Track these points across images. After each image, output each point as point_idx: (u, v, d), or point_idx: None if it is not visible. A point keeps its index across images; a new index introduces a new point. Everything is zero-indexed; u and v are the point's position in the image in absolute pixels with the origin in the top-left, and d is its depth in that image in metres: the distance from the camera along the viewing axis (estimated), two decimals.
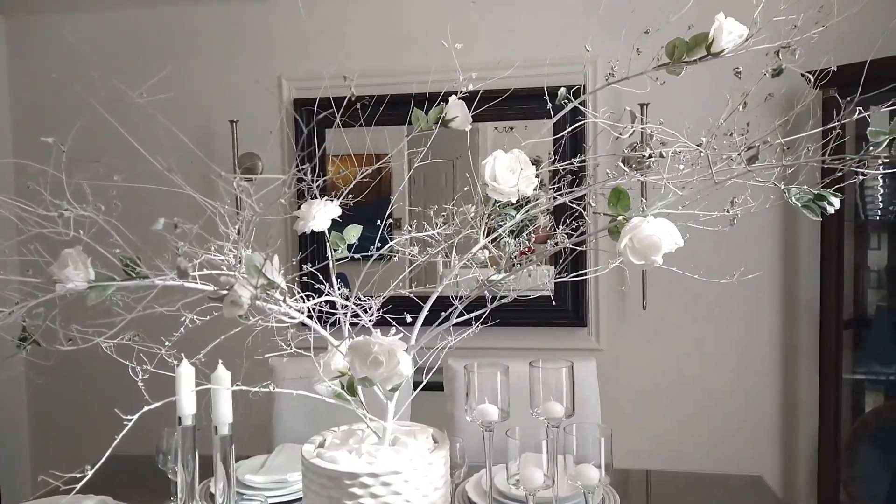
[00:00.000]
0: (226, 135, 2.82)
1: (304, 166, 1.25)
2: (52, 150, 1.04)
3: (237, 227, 0.86)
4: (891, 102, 1.15)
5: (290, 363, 1.92)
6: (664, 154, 0.90)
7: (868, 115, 1.06)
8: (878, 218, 2.34)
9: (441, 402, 2.03)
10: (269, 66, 2.85)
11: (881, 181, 2.30)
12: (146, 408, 0.88)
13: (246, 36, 2.87)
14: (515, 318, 2.76)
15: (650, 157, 0.94)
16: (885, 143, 0.87)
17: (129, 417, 0.84)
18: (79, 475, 0.79)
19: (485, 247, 1.24)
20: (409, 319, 1.18)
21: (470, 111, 1.30)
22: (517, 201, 1.19)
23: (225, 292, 0.80)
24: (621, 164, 0.94)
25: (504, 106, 1.85)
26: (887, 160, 0.97)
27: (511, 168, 1.17)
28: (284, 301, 0.87)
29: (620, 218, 0.90)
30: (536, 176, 1.18)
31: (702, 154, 0.88)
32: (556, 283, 2.73)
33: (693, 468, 2.00)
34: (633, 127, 0.97)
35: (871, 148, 1.02)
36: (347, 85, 2.87)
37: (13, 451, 3.00)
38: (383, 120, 2.14)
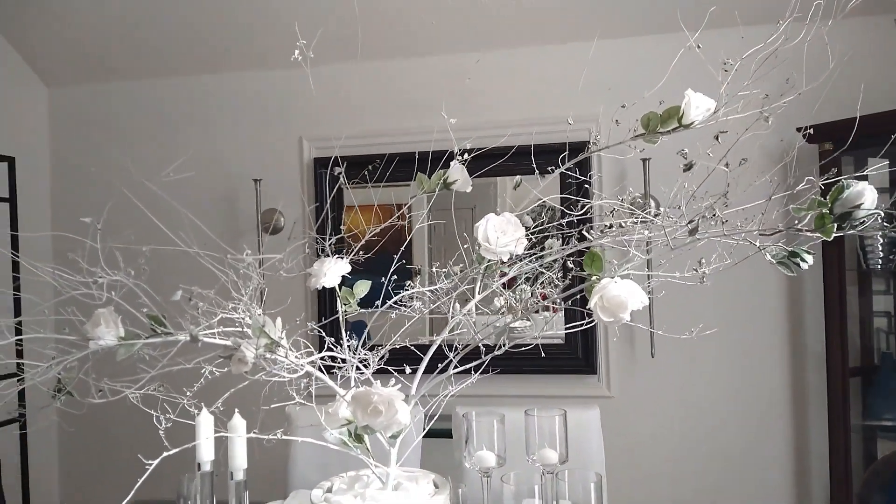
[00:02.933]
0: (250, 192, 2.99)
1: (313, 225, 1.37)
2: (88, 222, 1.18)
3: (248, 291, 0.96)
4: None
5: (304, 412, 2.00)
6: (623, 224, 0.99)
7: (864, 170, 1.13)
8: (878, 267, 2.39)
9: (451, 449, 2.10)
10: (290, 128, 3.02)
11: (880, 231, 2.36)
12: (165, 454, 0.98)
13: (269, 101, 3.05)
14: (528, 365, 2.84)
15: (610, 226, 1.03)
16: (810, 216, 0.93)
17: (150, 462, 0.94)
18: None
19: (497, 296, 1.34)
20: (408, 371, 1.27)
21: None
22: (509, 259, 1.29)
23: (234, 351, 0.91)
24: (585, 234, 1.03)
25: (513, 162, 1.97)
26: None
27: (502, 230, 1.27)
28: (286, 356, 0.97)
29: (594, 278, 0.99)
30: (527, 237, 1.28)
31: (655, 223, 0.97)
32: (566, 332, 2.80)
33: None
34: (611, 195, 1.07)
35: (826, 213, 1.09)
36: (362, 144, 3.05)
37: (44, 495, 3.11)
38: (399, 175, 2.27)
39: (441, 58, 2.93)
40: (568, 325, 1.36)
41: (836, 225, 0.87)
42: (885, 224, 0.88)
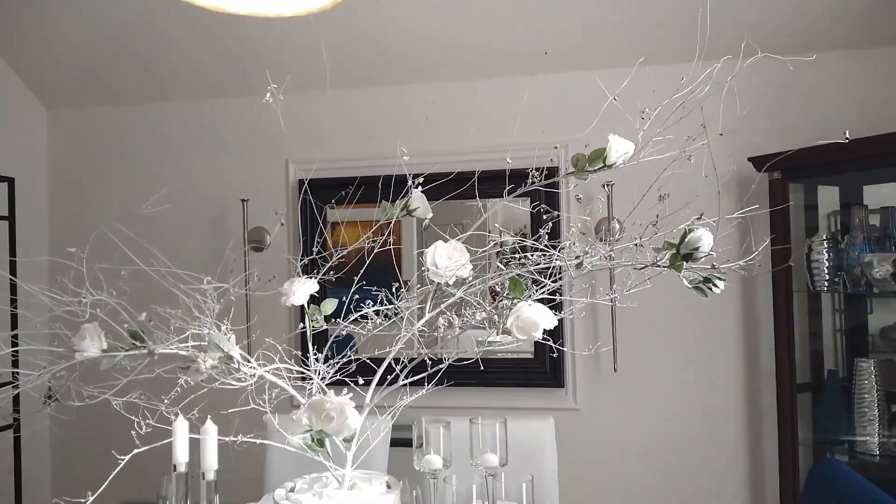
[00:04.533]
0: (237, 212, 3.14)
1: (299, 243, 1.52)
2: (82, 242, 1.33)
3: (210, 310, 1.12)
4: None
5: (281, 422, 2.14)
6: (529, 256, 1.14)
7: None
8: (825, 289, 2.54)
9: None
10: (277, 150, 3.19)
11: (826, 255, 2.51)
12: (135, 451, 1.12)
13: (257, 125, 3.22)
14: (497, 378, 2.98)
15: (517, 258, 1.18)
16: (668, 254, 1.07)
17: (122, 457, 1.08)
18: (80, 501, 1.03)
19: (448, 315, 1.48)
20: (361, 382, 1.41)
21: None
22: (455, 282, 1.43)
23: (191, 362, 1.06)
24: (499, 265, 1.18)
25: (486, 185, 2.11)
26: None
27: (449, 255, 1.42)
28: (238, 367, 1.12)
29: (515, 301, 1.14)
30: (472, 261, 1.42)
31: (552, 255, 1.13)
32: (535, 346, 2.95)
33: None
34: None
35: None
36: (345, 167, 3.21)
37: (36, 498, 3.24)
38: (379, 196, 2.41)
39: (421, 86, 3.10)
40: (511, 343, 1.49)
41: (683, 262, 1.01)
42: (713, 264, 1.02)
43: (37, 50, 3.17)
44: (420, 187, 1.59)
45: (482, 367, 1.82)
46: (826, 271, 2.52)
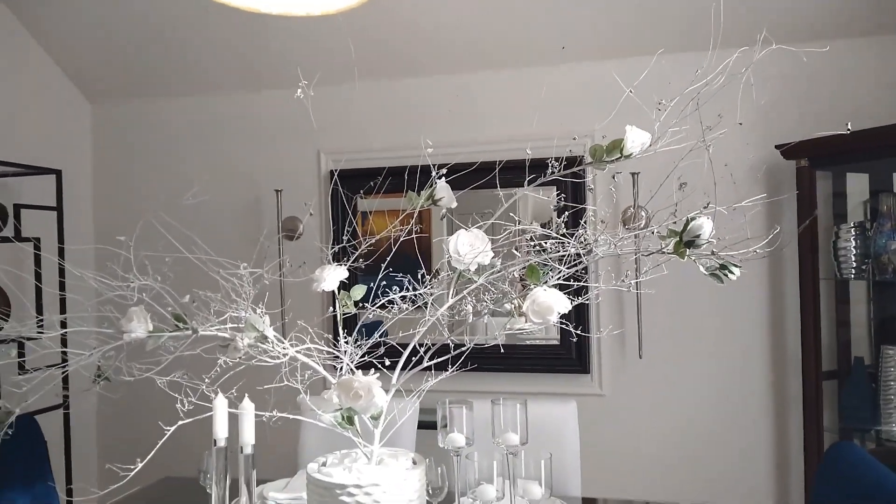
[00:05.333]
0: (272, 202, 3.25)
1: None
2: (126, 231, 1.43)
3: (248, 294, 1.20)
4: None
5: (312, 400, 2.24)
6: (544, 244, 1.20)
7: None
8: (852, 276, 2.54)
9: None
10: (309, 142, 3.28)
11: (853, 243, 2.51)
12: (180, 422, 1.22)
13: (291, 118, 3.31)
14: (524, 364, 3.05)
15: (535, 246, 1.24)
16: (672, 242, 1.11)
17: (168, 428, 1.17)
18: (130, 468, 1.12)
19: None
20: (388, 363, 1.49)
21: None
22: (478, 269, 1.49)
23: (230, 341, 1.14)
24: (514, 251, 1.24)
25: (510, 174, 2.17)
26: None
27: (471, 244, 1.48)
28: (272, 346, 1.20)
29: (532, 287, 1.20)
30: (494, 249, 1.48)
31: (567, 243, 1.18)
32: (561, 333, 3.00)
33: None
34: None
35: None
36: (375, 157, 3.30)
37: (85, 474, 3.41)
38: (409, 185, 2.48)
39: (449, 77, 3.15)
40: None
41: (686, 249, 1.06)
42: (713, 251, 1.06)
43: (79, 44, 3.31)
44: (444, 178, 1.63)
45: (502, 351, 1.89)
46: (853, 259, 2.52)
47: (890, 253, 2.34)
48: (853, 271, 2.52)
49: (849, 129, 1.15)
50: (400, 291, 1.59)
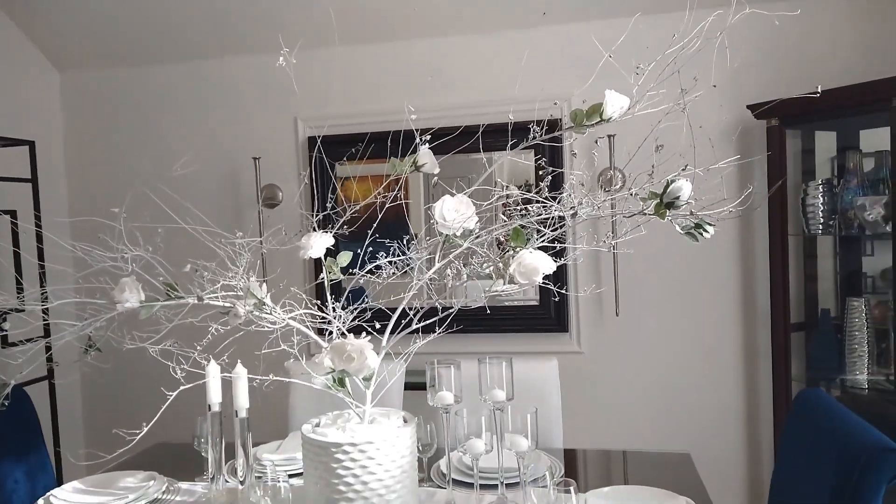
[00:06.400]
0: (250, 170, 3.24)
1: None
2: (101, 202, 1.44)
3: (242, 263, 1.23)
4: None
5: (298, 365, 2.29)
6: (528, 208, 1.24)
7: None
8: (819, 232, 2.63)
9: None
10: (286, 109, 3.26)
11: (821, 199, 2.60)
12: (181, 388, 1.25)
13: (266, 84, 3.28)
14: (505, 325, 3.12)
15: (519, 209, 1.28)
16: (652, 203, 1.16)
17: (170, 393, 1.21)
18: (136, 433, 1.16)
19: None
20: (377, 326, 1.53)
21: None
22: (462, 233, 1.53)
23: (230, 308, 1.17)
24: (502, 216, 1.28)
25: (490, 139, 2.20)
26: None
27: (456, 209, 1.52)
28: (270, 312, 1.24)
29: (518, 249, 1.25)
30: (478, 213, 1.52)
31: (551, 206, 1.22)
32: (540, 293, 3.07)
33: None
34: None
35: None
36: (353, 123, 3.28)
37: (71, 445, 3.44)
38: (389, 151, 2.49)
39: (428, 41, 3.14)
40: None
41: (666, 210, 1.11)
42: (692, 211, 1.12)
43: (46, 12, 3.22)
44: (427, 144, 1.65)
45: (488, 312, 1.94)
46: (821, 215, 2.60)
47: (856, 208, 2.43)
48: (821, 227, 2.61)
49: (818, 92, 1.20)
50: (387, 257, 1.63)
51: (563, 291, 2.90)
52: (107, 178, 3.48)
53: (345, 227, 1.70)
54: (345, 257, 1.70)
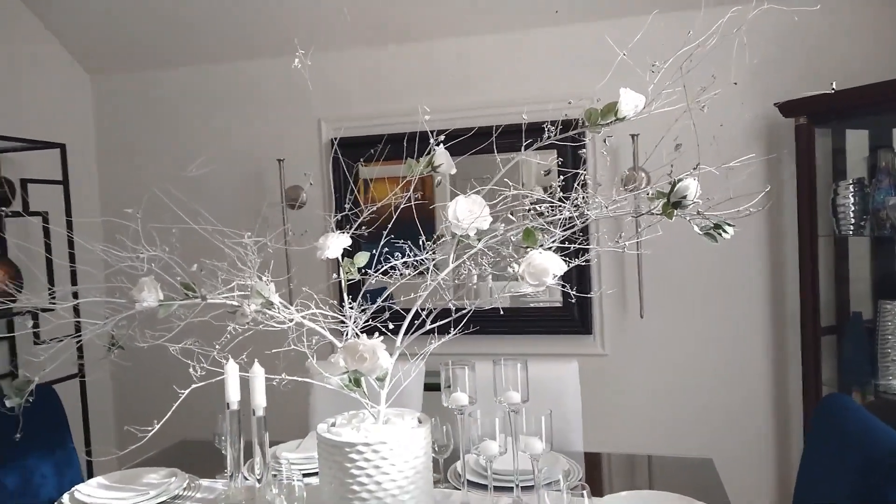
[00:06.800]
0: (274, 171, 3.28)
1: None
2: (132, 203, 1.46)
3: (253, 262, 1.24)
4: None
5: (321, 364, 2.30)
6: (539, 208, 1.23)
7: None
8: (850, 233, 2.56)
9: None
10: (310, 111, 3.29)
11: (852, 199, 2.53)
12: (193, 385, 1.27)
13: (290, 86, 3.31)
14: (529, 327, 3.10)
15: (530, 210, 1.27)
16: (659, 203, 1.14)
17: (182, 391, 1.22)
18: (148, 429, 1.18)
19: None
20: (391, 327, 1.53)
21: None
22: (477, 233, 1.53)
23: (237, 307, 1.19)
24: (510, 216, 1.27)
25: (513, 139, 2.17)
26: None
27: (469, 209, 1.51)
28: (278, 312, 1.25)
29: (529, 250, 1.24)
30: (493, 213, 1.51)
31: (560, 208, 1.21)
32: (563, 295, 3.04)
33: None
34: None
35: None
36: (376, 125, 3.29)
37: (102, 443, 3.52)
38: (410, 152, 2.49)
39: (450, 41, 3.14)
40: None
41: (673, 210, 1.09)
42: (699, 211, 1.09)
43: (77, 17, 3.30)
44: (443, 144, 1.65)
45: (501, 313, 1.91)
46: (852, 215, 2.53)
47: (888, 209, 2.36)
48: (852, 228, 2.54)
49: (833, 89, 1.16)
50: (402, 258, 1.63)
51: (578, 294, 2.87)
52: (136, 179, 3.55)
53: (363, 227, 1.70)
54: (361, 258, 1.70)
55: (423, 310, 1.50)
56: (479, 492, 1.69)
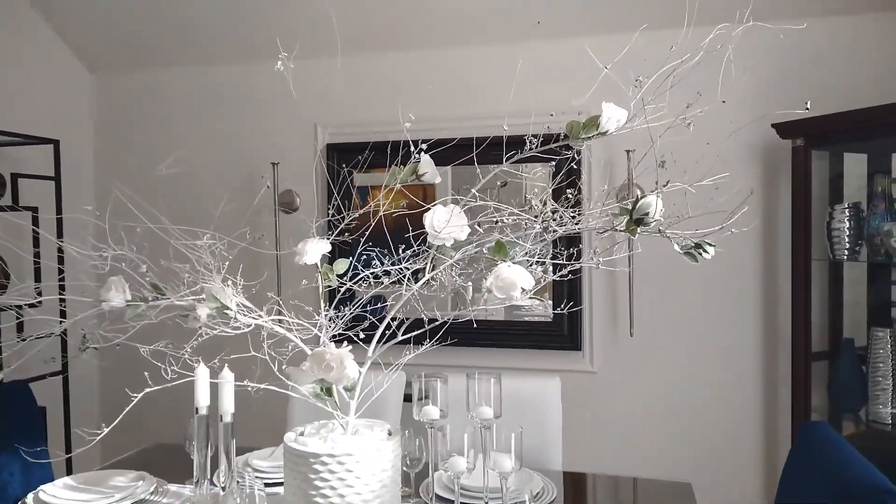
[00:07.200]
0: (269, 174, 3.26)
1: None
2: (124, 203, 1.44)
3: (218, 265, 1.22)
4: None
5: (291, 371, 2.27)
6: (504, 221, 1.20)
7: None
8: (845, 258, 2.52)
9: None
10: (306, 115, 3.27)
11: (847, 224, 2.49)
12: (147, 389, 1.24)
13: (288, 90, 3.29)
14: (518, 340, 3.06)
15: (496, 223, 1.24)
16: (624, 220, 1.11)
17: (134, 395, 1.20)
18: (97, 432, 1.15)
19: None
20: (362, 336, 1.50)
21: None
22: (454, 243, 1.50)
23: (190, 311, 1.16)
24: (477, 227, 1.24)
25: (499, 150, 2.15)
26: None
27: (447, 219, 1.49)
28: (235, 317, 1.22)
29: (499, 263, 1.21)
30: (470, 224, 1.48)
31: (525, 223, 1.18)
32: (553, 311, 3.01)
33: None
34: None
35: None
36: (372, 131, 3.27)
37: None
38: (403, 159, 2.48)
39: (444, 51, 3.13)
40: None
41: (636, 227, 1.06)
42: (659, 230, 1.06)
43: (80, 14, 3.31)
44: (427, 153, 1.63)
45: (475, 326, 1.89)
46: (847, 240, 2.49)
47: (882, 234, 2.32)
48: (846, 252, 2.50)
49: (807, 108, 1.13)
50: (380, 266, 1.60)
51: (557, 310, 2.84)
52: (132, 177, 3.54)
53: (346, 234, 1.68)
54: (341, 264, 1.67)
55: (394, 320, 1.47)
56: None
